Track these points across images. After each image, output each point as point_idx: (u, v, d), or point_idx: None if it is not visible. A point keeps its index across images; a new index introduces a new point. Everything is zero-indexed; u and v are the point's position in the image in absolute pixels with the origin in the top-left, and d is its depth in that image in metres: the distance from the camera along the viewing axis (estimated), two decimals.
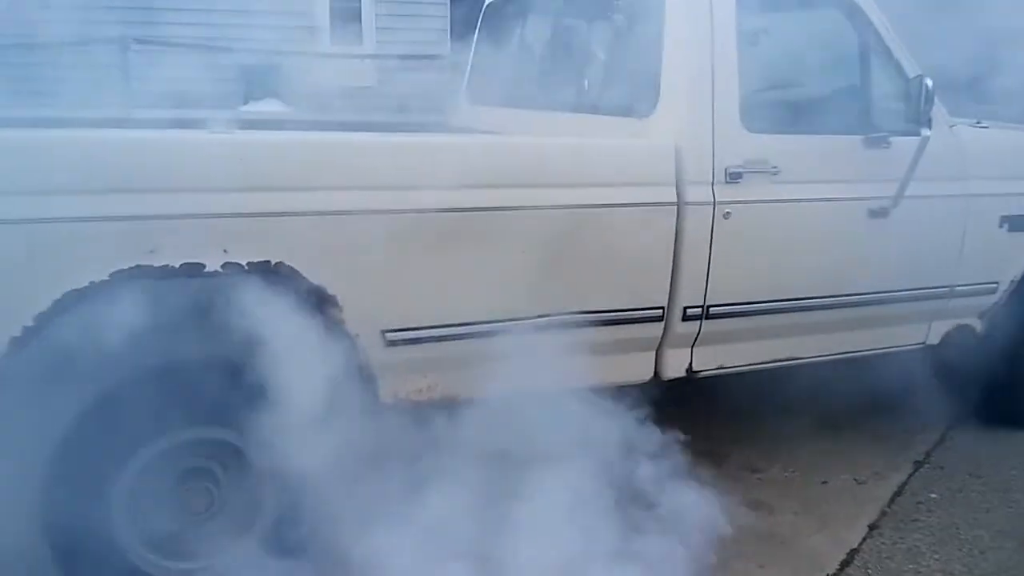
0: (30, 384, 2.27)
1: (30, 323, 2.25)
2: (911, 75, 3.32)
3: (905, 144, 3.32)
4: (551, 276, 2.84)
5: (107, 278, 2.29)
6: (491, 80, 4.29)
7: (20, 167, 2.23)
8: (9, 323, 2.24)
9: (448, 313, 2.73)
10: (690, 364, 3.27)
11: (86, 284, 2.28)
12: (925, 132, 3.21)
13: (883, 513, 3.38)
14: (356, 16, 10.80)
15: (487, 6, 4.35)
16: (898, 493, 3.54)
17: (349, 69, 9.75)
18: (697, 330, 3.19)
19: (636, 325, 3.08)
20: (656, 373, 3.24)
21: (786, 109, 3.27)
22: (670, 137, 3.06)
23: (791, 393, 3.87)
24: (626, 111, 3.27)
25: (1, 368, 2.24)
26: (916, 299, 3.61)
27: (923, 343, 3.80)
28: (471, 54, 4.48)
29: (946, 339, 3.83)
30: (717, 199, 3.08)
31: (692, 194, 3.05)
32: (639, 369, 3.20)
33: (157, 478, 2.48)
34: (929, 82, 3.13)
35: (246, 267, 2.41)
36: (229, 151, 2.43)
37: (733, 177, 3.10)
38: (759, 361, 3.40)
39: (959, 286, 3.70)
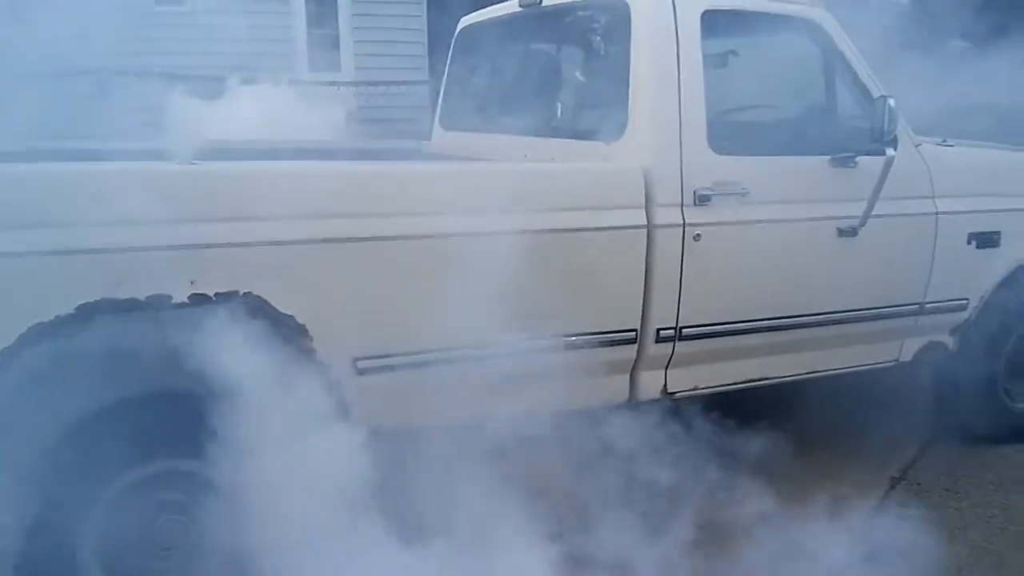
0: None
1: None
2: (876, 96, 3.37)
3: (872, 164, 3.36)
4: (524, 301, 2.84)
5: (73, 312, 2.28)
6: (463, 106, 4.32)
7: None
8: None
9: (421, 340, 2.73)
10: (665, 385, 3.28)
11: (52, 318, 2.27)
12: (889, 152, 3.25)
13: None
14: (335, 43, 10.86)
15: (458, 33, 4.38)
16: (875, 512, 3.54)
17: (328, 96, 9.76)
18: (671, 352, 3.21)
19: (610, 348, 3.08)
20: (631, 395, 3.25)
21: (754, 131, 3.32)
22: (639, 161, 3.09)
23: (765, 413, 3.88)
24: (595, 135, 3.30)
25: None
26: (887, 317, 3.65)
27: (896, 360, 3.82)
28: (443, 80, 4.51)
29: (919, 356, 3.86)
30: (687, 221, 3.10)
31: (662, 217, 3.07)
32: (614, 391, 3.21)
33: (127, 512, 2.45)
34: (892, 102, 3.17)
35: (213, 298, 2.40)
36: (193, 182, 2.44)
37: (702, 199, 3.13)
38: (734, 381, 3.42)
39: (929, 303, 3.73)
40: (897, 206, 3.50)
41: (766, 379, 3.49)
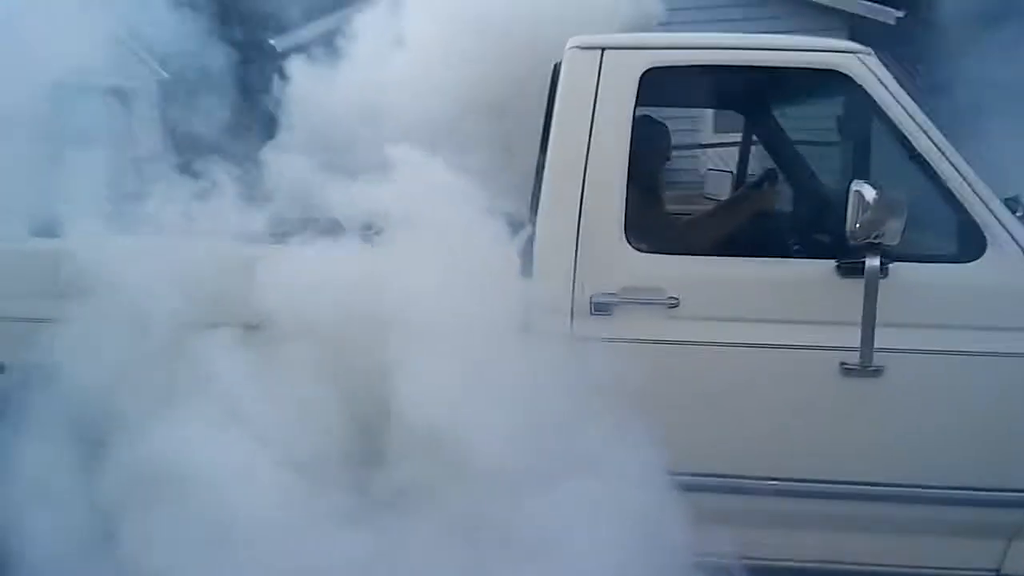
0: None
1: None
2: (965, 178, 2.32)
3: (924, 274, 2.31)
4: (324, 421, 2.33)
5: None
6: None
7: None
8: None
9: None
10: None
11: None
12: (870, 262, 2.17)
13: None
14: None
15: None
16: None
17: None
18: None
19: None
20: None
21: (704, 223, 2.46)
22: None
23: None
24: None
25: None
26: (962, 502, 2.43)
27: (995, 572, 2.52)
28: None
29: None
30: (577, 336, 2.40)
31: (540, 328, 2.41)
32: None
33: None
34: (866, 191, 2.10)
35: None
36: None
37: (600, 308, 2.41)
38: None
39: None
40: (970, 338, 2.34)
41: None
